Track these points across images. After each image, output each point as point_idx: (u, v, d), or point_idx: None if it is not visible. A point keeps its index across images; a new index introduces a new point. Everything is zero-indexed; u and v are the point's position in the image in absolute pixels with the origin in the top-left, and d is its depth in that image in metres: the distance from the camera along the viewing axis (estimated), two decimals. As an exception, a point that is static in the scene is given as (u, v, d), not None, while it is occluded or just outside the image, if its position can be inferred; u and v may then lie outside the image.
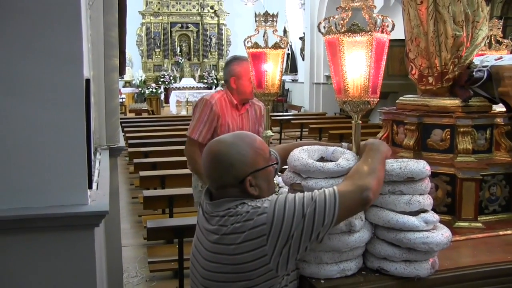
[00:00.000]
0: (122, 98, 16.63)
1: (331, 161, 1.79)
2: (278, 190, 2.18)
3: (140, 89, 18.23)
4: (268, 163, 1.67)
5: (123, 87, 17.78)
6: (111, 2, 2.98)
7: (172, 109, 16.92)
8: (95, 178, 2.25)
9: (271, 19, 2.56)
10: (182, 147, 7.45)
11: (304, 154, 1.79)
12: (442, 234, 1.69)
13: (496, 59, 2.56)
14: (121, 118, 10.29)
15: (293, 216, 1.48)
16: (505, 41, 3.28)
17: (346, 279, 1.68)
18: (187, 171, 3.90)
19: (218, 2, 19.22)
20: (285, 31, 17.73)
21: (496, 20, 3.31)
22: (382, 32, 1.70)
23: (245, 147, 1.61)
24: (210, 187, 1.69)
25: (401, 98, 2.68)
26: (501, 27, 3.32)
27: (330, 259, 1.68)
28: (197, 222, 1.75)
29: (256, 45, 2.55)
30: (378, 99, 1.78)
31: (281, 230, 1.47)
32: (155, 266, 4.36)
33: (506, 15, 7.99)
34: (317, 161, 1.77)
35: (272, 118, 11.83)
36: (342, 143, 1.98)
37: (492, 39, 3.22)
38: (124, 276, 4.19)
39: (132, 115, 15.10)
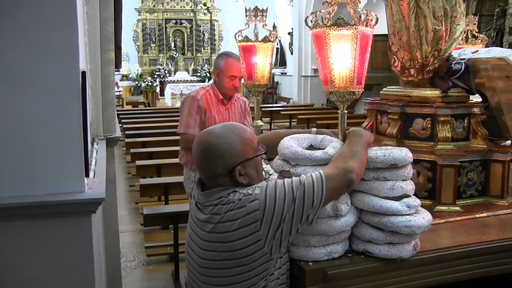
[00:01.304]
0: (120, 91, 16.54)
1: (319, 149, 1.78)
2: (268, 177, 2.17)
3: (136, 82, 18.14)
4: (256, 153, 1.65)
5: (120, 80, 17.70)
6: (107, -2, 2.95)
7: (167, 101, 16.92)
8: (92, 167, 2.22)
9: (260, 13, 2.55)
10: (178, 137, 7.51)
11: (294, 142, 1.77)
12: (424, 217, 1.69)
13: (472, 53, 2.57)
14: (118, 110, 10.28)
15: (284, 200, 1.48)
16: (480, 35, 3.28)
17: (333, 261, 1.68)
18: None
19: (210, -1, 19.15)
20: (274, 27, 17.67)
21: (472, 16, 3.31)
22: (366, 25, 1.69)
23: (234, 138, 1.59)
24: (201, 177, 1.67)
25: (384, 89, 2.68)
26: (477, 23, 3.31)
27: (318, 242, 1.67)
28: (189, 213, 1.73)
29: (246, 39, 2.54)
30: (362, 90, 1.77)
31: (274, 214, 1.47)
32: (152, 251, 4.37)
33: (480, 12, 8.02)
34: (306, 149, 1.76)
35: (262, 109, 11.82)
36: (312, 129, 1.98)
37: (469, 34, 3.22)
38: (122, 261, 4.18)
39: (129, 107, 15.03)
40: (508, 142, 2.51)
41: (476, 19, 3.32)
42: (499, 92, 2.39)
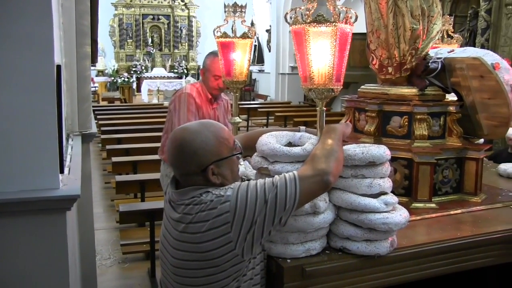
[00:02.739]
0: (95, 87, 16.33)
1: (298, 146, 1.78)
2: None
3: (112, 78, 17.96)
4: (232, 153, 1.61)
5: (96, 76, 17.48)
6: (83, -10, 2.89)
7: (143, 97, 16.78)
8: (67, 163, 2.18)
9: (239, 9, 2.54)
10: (154, 133, 7.48)
11: (272, 139, 1.77)
12: (401, 214, 1.70)
13: (448, 52, 2.60)
14: (94, 106, 10.15)
15: (255, 203, 1.45)
16: (455, 35, 3.32)
17: (311, 258, 1.68)
18: (158, 156, 3.84)
19: (188, -5, 19.03)
20: (252, 24, 17.65)
21: (448, 16, 3.35)
22: (345, 23, 1.69)
23: (210, 136, 1.55)
24: (175, 174, 1.64)
25: (362, 87, 2.69)
26: (452, 23, 3.36)
27: (296, 239, 1.67)
28: (164, 211, 1.70)
29: (225, 35, 2.52)
30: (341, 87, 1.77)
31: (244, 217, 1.44)
32: (128, 248, 4.32)
33: (454, 13, 8.15)
34: (284, 146, 1.75)
35: (240, 106, 11.78)
36: (300, 127, 1.99)
37: (445, 34, 3.26)
38: (97, 259, 4.13)
39: (105, 103, 14.86)
40: (482, 140, 2.55)
41: (452, 19, 3.36)
42: (474, 91, 2.42)
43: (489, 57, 2.41)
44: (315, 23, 1.67)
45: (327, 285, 1.68)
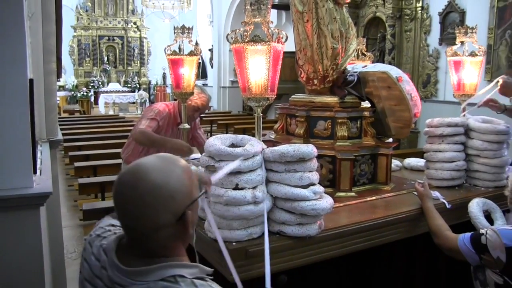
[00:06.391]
0: (57, 100, 15.69)
1: (240, 146, 1.81)
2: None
3: (72, 92, 17.34)
4: (199, 190, 1.10)
5: (57, 91, 16.78)
6: (49, 14, 2.82)
7: (101, 109, 16.44)
8: (38, 165, 2.12)
9: (187, 31, 2.56)
10: (111, 141, 7.32)
11: (218, 141, 1.78)
12: (327, 201, 1.77)
13: (362, 67, 2.71)
14: (55, 117, 9.78)
15: None
16: (368, 54, 3.46)
17: (253, 241, 1.71)
18: (116, 160, 3.76)
19: (140, 18, 18.70)
20: (197, 43, 17.50)
21: (361, 38, 3.48)
22: (278, 42, 1.75)
23: (180, 173, 1.03)
24: (132, 234, 1.02)
25: (293, 96, 2.75)
26: (365, 44, 3.50)
27: (240, 225, 1.70)
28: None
29: (174, 53, 2.53)
30: (275, 96, 1.82)
31: None
32: (91, 243, 4.19)
33: (367, 36, 8.49)
34: (228, 147, 1.77)
35: (188, 116, 11.67)
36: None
37: (359, 52, 3.39)
38: (64, 253, 3.99)
39: (66, 115, 14.33)
40: (390, 139, 2.68)
41: (365, 41, 3.51)
42: (383, 99, 2.54)
43: (393, 71, 2.54)
44: (252, 42, 1.72)
45: (268, 263, 1.71)
